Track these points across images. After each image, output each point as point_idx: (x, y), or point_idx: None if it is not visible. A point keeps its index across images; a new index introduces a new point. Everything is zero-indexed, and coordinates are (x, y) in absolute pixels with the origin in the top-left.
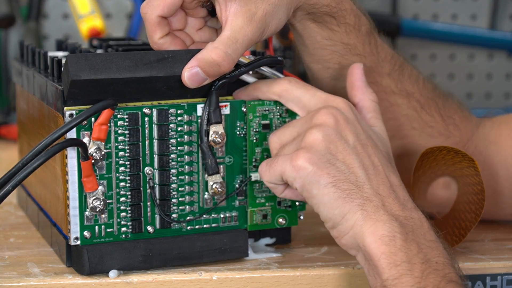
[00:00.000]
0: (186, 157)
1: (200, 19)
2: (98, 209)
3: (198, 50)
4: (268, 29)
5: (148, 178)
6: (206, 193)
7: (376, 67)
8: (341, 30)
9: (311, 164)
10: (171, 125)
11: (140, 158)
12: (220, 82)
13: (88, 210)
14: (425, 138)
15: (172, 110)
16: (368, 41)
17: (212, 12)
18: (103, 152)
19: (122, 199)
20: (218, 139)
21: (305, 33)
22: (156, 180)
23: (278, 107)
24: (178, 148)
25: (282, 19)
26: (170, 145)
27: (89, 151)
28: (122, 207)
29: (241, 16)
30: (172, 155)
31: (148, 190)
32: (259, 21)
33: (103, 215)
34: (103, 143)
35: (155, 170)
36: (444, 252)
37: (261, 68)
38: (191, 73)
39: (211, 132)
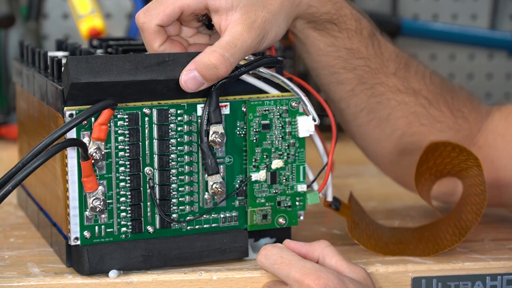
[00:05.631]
0: (186, 157)
1: (193, 28)
2: (98, 209)
3: (198, 53)
4: (268, 37)
5: (148, 178)
6: (206, 193)
7: (382, 68)
8: (343, 35)
9: None
10: (171, 125)
11: (140, 158)
12: (220, 82)
13: (88, 210)
14: (434, 133)
15: (172, 110)
16: (371, 43)
17: (208, 25)
18: (103, 152)
19: (122, 199)
20: (218, 139)
21: (308, 42)
22: (156, 180)
23: (278, 107)
24: (178, 148)
25: (281, 27)
26: (170, 145)
27: (89, 151)
28: (122, 207)
29: (241, 24)
30: (172, 155)
31: (148, 190)
32: (258, 28)
33: (103, 215)
34: (103, 143)
35: (155, 170)
36: None
37: (260, 69)
38: (188, 77)
39: (211, 132)
